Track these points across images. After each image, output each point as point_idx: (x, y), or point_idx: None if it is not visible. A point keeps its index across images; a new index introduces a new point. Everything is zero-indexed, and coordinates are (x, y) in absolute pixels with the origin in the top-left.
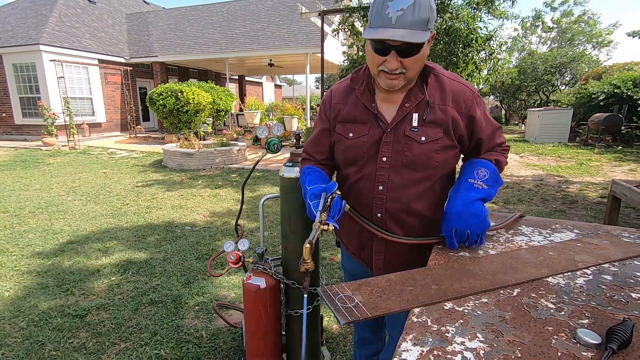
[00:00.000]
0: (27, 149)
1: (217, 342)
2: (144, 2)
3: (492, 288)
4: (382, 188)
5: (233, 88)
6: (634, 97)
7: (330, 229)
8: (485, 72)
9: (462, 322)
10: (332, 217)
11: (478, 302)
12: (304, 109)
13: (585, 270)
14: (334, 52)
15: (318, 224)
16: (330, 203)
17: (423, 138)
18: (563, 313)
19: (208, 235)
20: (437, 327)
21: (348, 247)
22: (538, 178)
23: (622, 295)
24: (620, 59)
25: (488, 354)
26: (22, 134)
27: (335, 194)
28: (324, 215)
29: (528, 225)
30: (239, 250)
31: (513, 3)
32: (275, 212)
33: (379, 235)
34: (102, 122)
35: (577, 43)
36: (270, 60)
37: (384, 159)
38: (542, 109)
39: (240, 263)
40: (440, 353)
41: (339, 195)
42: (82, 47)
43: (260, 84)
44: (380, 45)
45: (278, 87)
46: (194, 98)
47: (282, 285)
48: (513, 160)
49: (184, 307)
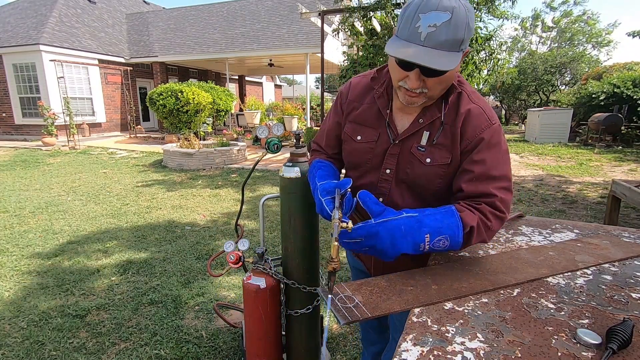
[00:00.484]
0: (27, 149)
1: (217, 342)
2: (144, 2)
3: (492, 288)
4: (382, 200)
5: (233, 88)
6: (634, 97)
7: (350, 227)
8: (485, 72)
9: (462, 322)
10: (345, 214)
11: (478, 302)
12: (304, 109)
13: (585, 270)
14: (334, 52)
15: (337, 220)
16: (343, 200)
17: (428, 160)
18: (563, 313)
19: (208, 235)
20: (437, 327)
21: None
22: (538, 178)
23: (622, 295)
24: (620, 59)
25: (488, 354)
26: (22, 134)
27: (348, 191)
28: (340, 214)
29: (528, 225)
30: (239, 250)
31: (513, 3)
32: (275, 212)
33: None
34: (102, 122)
35: (577, 43)
36: (270, 60)
37: (387, 171)
38: (542, 109)
39: (240, 263)
40: (440, 353)
41: (350, 193)
42: (82, 47)
43: (260, 84)
44: (404, 60)
45: (278, 87)
46: (194, 98)
47: (282, 285)
48: (513, 160)
49: (184, 307)
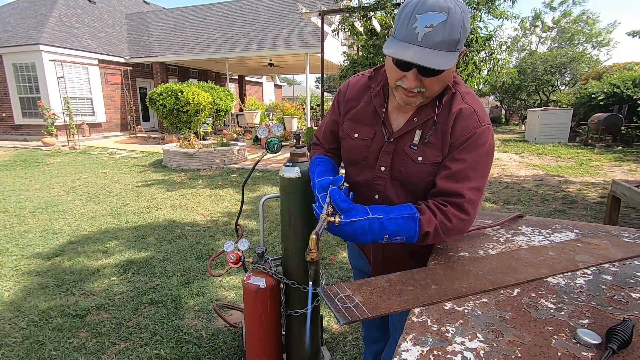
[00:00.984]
0: (27, 149)
1: (217, 342)
2: (144, 2)
3: (492, 288)
4: (377, 197)
5: (233, 88)
6: (634, 97)
7: (337, 221)
8: (485, 72)
9: (462, 322)
10: (339, 209)
11: (478, 302)
12: (304, 109)
13: (585, 270)
14: (334, 52)
15: (324, 216)
16: (330, 200)
17: (420, 158)
18: (563, 313)
19: (208, 235)
20: (437, 327)
21: None
22: (538, 178)
23: (622, 295)
24: (620, 59)
25: (488, 354)
26: (22, 134)
27: (342, 187)
28: (331, 208)
29: (528, 225)
30: (239, 250)
31: (513, 3)
32: (275, 212)
33: None
34: (102, 122)
35: (576, 43)
36: (270, 60)
37: (382, 169)
38: (542, 109)
39: (240, 263)
40: (440, 353)
41: (347, 187)
42: (82, 47)
43: (260, 84)
44: (402, 60)
45: (278, 87)
46: (194, 98)
47: (282, 285)
48: (513, 160)
49: (184, 307)
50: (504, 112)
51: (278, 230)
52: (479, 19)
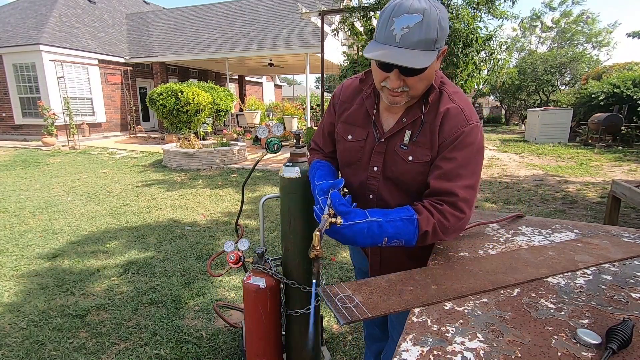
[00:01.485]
0: (27, 149)
1: (217, 342)
2: (144, 2)
3: (492, 288)
4: (372, 197)
5: (233, 88)
6: (634, 97)
7: (339, 222)
8: (485, 72)
9: (462, 322)
10: (338, 212)
11: (478, 302)
12: (304, 109)
13: (585, 270)
14: (334, 52)
15: (327, 216)
16: (331, 202)
17: (410, 158)
18: (563, 313)
19: (208, 235)
20: (437, 327)
21: None
22: (538, 178)
23: (622, 295)
24: (620, 59)
25: (488, 354)
26: (22, 134)
27: (342, 191)
28: (332, 210)
29: (528, 225)
30: (239, 250)
31: (513, 3)
32: (276, 212)
33: None
34: (102, 122)
35: (576, 43)
36: (270, 60)
37: (375, 169)
38: (542, 109)
39: (240, 263)
40: (440, 353)
41: (350, 196)
42: (82, 47)
43: (260, 84)
44: (383, 61)
45: (278, 87)
46: (194, 98)
47: (282, 285)
48: (513, 160)
49: (184, 307)
50: (504, 112)
51: (278, 230)
52: (479, 19)
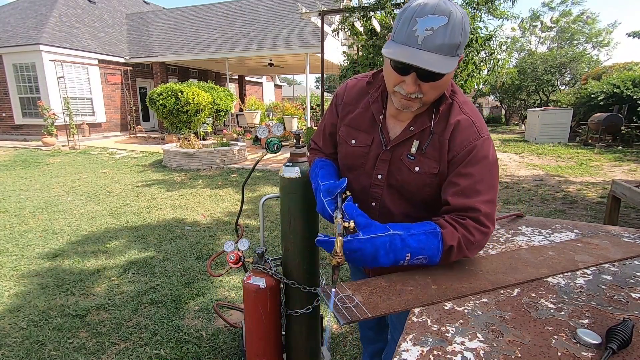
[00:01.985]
0: (27, 149)
1: (217, 342)
2: (144, 2)
3: (492, 288)
4: (374, 204)
5: (233, 88)
6: (634, 97)
7: (352, 226)
8: (485, 72)
9: (462, 322)
10: (357, 224)
11: (478, 302)
12: (304, 109)
13: (585, 270)
14: (334, 52)
15: (340, 219)
16: (342, 206)
17: (417, 168)
18: (563, 313)
19: (208, 235)
20: (437, 327)
21: None
22: (538, 178)
23: (622, 295)
24: (620, 59)
25: (488, 354)
26: (22, 134)
27: (347, 195)
28: (341, 213)
29: (528, 225)
30: (239, 250)
31: (513, 3)
32: (276, 212)
33: None
34: (102, 122)
35: (576, 43)
36: (270, 60)
37: (379, 177)
38: (542, 109)
39: (240, 263)
40: (440, 353)
41: (351, 197)
42: (82, 47)
43: (260, 84)
44: (401, 64)
45: (278, 87)
46: (194, 98)
47: (282, 285)
48: (513, 160)
49: (184, 307)
50: (504, 112)
51: (278, 230)
52: (479, 19)
